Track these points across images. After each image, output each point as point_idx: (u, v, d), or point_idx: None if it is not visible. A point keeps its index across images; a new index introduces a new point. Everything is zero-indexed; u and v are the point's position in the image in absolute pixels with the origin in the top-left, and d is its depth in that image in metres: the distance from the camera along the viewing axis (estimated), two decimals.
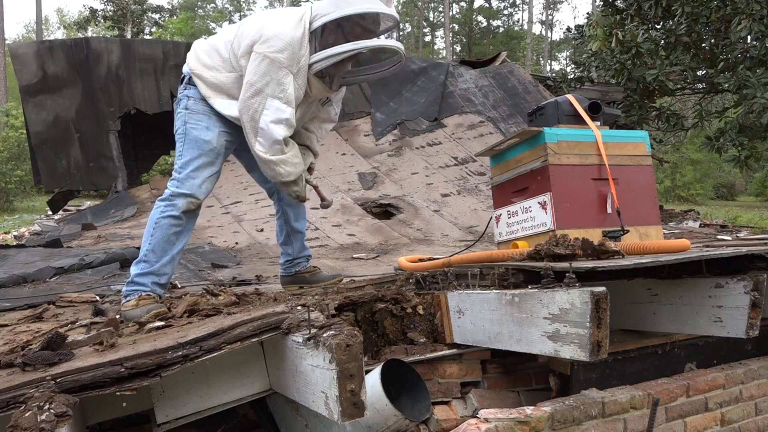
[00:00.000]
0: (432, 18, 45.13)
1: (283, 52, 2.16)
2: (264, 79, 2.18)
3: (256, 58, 2.18)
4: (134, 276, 2.28)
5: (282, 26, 2.20)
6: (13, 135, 15.81)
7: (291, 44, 2.17)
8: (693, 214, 7.97)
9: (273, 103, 2.19)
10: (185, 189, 2.28)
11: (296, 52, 2.18)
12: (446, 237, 5.72)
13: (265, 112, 2.20)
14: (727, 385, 2.42)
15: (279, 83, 2.18)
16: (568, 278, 1.74)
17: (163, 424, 1.72)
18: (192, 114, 2.34)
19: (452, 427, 2.03)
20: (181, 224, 2.30)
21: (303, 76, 2.24)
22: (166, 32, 30.08)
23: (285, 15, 2.27)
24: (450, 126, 8.33)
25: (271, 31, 2.19)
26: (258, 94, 2.19)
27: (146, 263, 2.28)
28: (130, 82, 7.83)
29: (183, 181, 2.29)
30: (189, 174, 2.30)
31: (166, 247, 2.28)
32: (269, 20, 2.27)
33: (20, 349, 1.67)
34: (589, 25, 8.90)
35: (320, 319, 1.68)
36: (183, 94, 2.38)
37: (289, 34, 2.17)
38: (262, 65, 2.17)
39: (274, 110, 2.20)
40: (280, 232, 2.83)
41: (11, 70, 20.17)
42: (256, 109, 2.21)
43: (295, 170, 2.35)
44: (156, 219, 2.28)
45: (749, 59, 7.47)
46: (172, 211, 2.27)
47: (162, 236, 2.27)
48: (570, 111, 2.82)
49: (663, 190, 21.67)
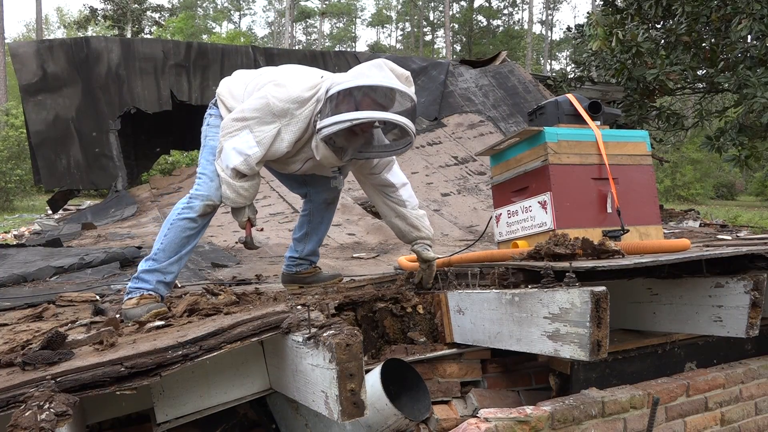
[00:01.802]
0: (432, 17, 45.13)
1: (282, 102, 2.26)
2: (254, 113, 2.28)
3: (261, 96, 2.29)
4: (140, 272, 2.33)
5: (296, 84, 2.31)
6: (13, 134, 15.81)
7: (294, 101, 2.27)
8: (693, 213, 7.98)
9: (247, 135, 2.28)
10: (203, 191, 2.38)
11: (293, 111, 2.27)
12: (446, 236, 5.72)
13: (235, 138, 2.29)
14: (727, 384, 2.42)
15: (263, 123, 2.28)
16: (568, 278, 1.74)
17: (163, 424, 1.72)
18: (211, 128, 2.49)
19: (452, 426, 2.03)
20: (196, 227, 2.39)
21: (292, 133, 2.30)
22: (166, 32, 30.06)
23: (304, 76, 2.37)
24: (450, 125, 8.33)
25: (284, 81, 2.32)
26: (242, 120, 2.30)
27: (154, 261, 2.33)
28: (130, 81, 7.83)
29: (201, 185, 2.40)
30: (207, 178, 2.40)
31: (176, 248, 2.35)
32: (290, 74, 2.40)
33: (20, 348, 1.67)
34: (590, 24, 8.89)
35: (320, 318, 1.68)
36: (208, 113, 2.55)
37: (297, 92, 2.27)
38: (260, 102, 2.28)
39: (243, 142, 2.28)
40: (299, 228, 2.90)
41: (11, 70, 20.16)
42: (231, 131, 2.31)
43: (237, 199, 2.38)
44: (172, 220, 2.36)
45: (749, 59, 7.47)
46: (189, 213, 2.36)
47: (175, 237, 2.34)
48: (570, 110, 2.82)
49: (663, 189, 21.67)
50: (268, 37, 46.26)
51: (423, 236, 2.55)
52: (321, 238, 2.92)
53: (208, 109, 2.57)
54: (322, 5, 45.31)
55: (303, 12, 45.00)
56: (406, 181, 2.62)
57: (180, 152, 14.58)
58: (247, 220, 2.47)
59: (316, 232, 2.87)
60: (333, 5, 45.92)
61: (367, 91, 2.18)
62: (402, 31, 48.45)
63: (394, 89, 2.18)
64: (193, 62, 8.21)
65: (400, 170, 2.62)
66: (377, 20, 48.42)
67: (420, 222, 2.56)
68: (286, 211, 6.33)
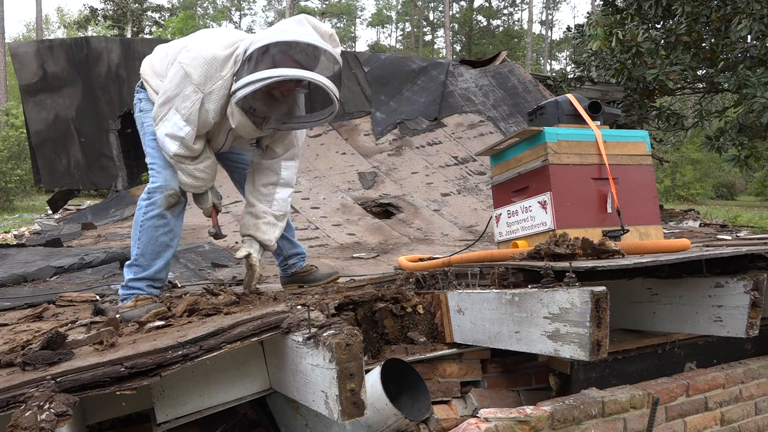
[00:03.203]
0: (432, 17, 45.12)
1: (198, 68, 2.07)
2: (175, 90, 2.11)
3: (176, 66, 2.13)
4: (128, 281, 2.26)
5: (209, 43, 2.12)
6: (13, 134, 15.81)
7: (209, 62, 2.08)
8: (693, 213, 7.98)
9: (174, 116, 2.13)
10: (159, 181, 2.25)
11: (212, 74, 2.08)
12: (446, 236, 5.72)
13: (164, 123, 2.15)
14: (727, 384, 2.42)
15: (185, 98, 2.11)
16: (568, 278, 1.74)
17: (163, 424, 1.72)
18: (145, 113, 2.34)
19: (452, 426, 2.03)
20: (167, 223, 2.25)
21: (216, 101, 2.12)
22: (166, 31, 30.07)
23: (218, 34, 2.20)
24: (450, 125, 8.33)
25: (196, 46, 2.13)
26: (166, 102, 2.15)
27: (138, 267, 2.25)
28: (130, 81, 7.81)
29: (155, 175, 2.27)
30: (158, 167, 2.27)
31: (156, 249, 2.24)
32: (202, 36, 2.23)
33: (20, 348, 1.67)
34: (590, 24, 8.90)
35: (320, 318, 1.68)
36: (137, 98, 2.41)
37: (211, 52, 2.08)
38: (178, 76, 2.11)
39: (173, 125, 2.13)
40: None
41: (11, 69, 20.16)
42: (160, 116, 2.17)
43: (195, 183, 2.24)
44: (140, 222, 2.24)
45: (749, 59, 7.48)
46: (154, 209, 2.23)
47: (150, 239, 2.23)
48: (570, 110, 2.82)
49: (663, 189, 21.68)
50: None
51: (257, 237, 2.38)
52: (289, 226, 2.74)
53: (136, 93, 2.40)
54: (322, 5, 45.32)
55: (303, 12, 44.98)
56: (293, 185, 2.46)
57: None
58: (212, 206, 2.34)
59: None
60: (333, 5, 45.91)
61: (285, 48, 1.96)
62: (402, 31, 48.47)
63: (318, 47, 1.98)
64: None
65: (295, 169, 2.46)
66: (377, 20, 48.41)
67: (269, 227, 2.39)
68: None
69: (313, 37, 1.99)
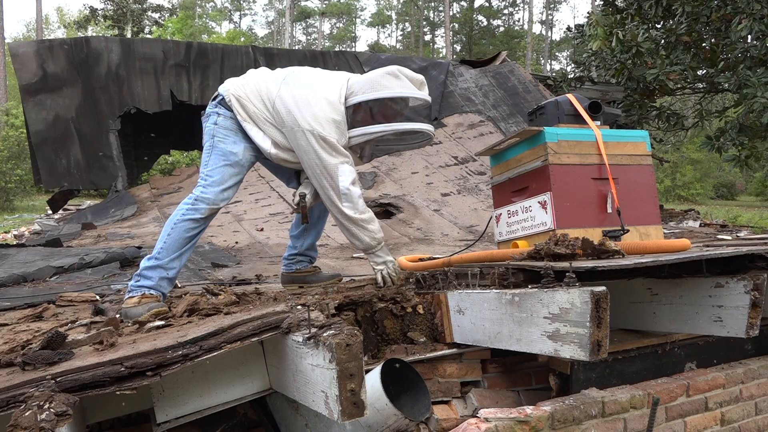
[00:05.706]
0: (432, 17, 45.12)
1: (333, 133, 2.43)
2: (331, 157, 2.43)
3: (316, 139, 2.40)
4: (143, 269, 2.34)
5: (324, 111, 2.43)
6: (13, 134, 15.81)
7: (337, 125, 2.44)
8: (693, 213, 7.98)
9: (344, 168, 2.46)
10: (209, 194, 2.41)
11: (342, 130, 2.46)
12: (446, 236, 5.72)
13: (341, 178, 2.46)
14: (727, 384, 2.42)
15: (340, 153, 2.45)
16: (568, 278, 1.74)
17: (163, 424, 1.72)
18: (220, 129, 2.49)
19: (452, 426, 2.03)
20: (199, 227, 2.42)
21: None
22: (165, 31, 30.05)
23: (323, 96, 2.45)
24: (450, 125, 8.33)
25: (320, 114, 2.42)
26: (330, 168, 2.44)
27: (157, 259, 2.35)
28: (130, 81, 7.82)
29: (207, 187, 2.42)
30: (214, 182, 2.43)
31: (179, 246, 2.38)
32: (312, 100, 2.44)
33: (20, 348, 1.66)
34: (590, 24, 8.89)
35: (320, 318, 1.68)
36: (213, 111, 2.53)
37: (332, 117, 2.44)
38: (326, 145, 2.41)
39: (349, 173, 2.46)
40: (296, 225, 2.90)
41: (11, 70, 20.16)
42: (333, 174, 2.45)
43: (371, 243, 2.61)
44: (176, 221, 2.38)
45: (749, 59, 7.47)
46: (194, 214, 2.39)
47: (178, 236, 2.37)
48: (570, 110, 2.81)
49: (663, 189, 21.68)
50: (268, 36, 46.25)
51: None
52: (320, 231, 2.95)
53: (213, 106, 2.53)
54: (322, 5, 45.31)
55: (303, 12, 44.97)
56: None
57: (180, 152, 14.58)
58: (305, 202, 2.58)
59: (315, 226, 2.88)
60: (333, 5, 45.90)
61: (389, 103, 2.40)
62: (402, 31, 48.46)
63: (430, 103, 2.48)
64: (193, 62, 8.20)
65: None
66: (377, 20, 48.42)
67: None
68: (285, 211, 6.33)
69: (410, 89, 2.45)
